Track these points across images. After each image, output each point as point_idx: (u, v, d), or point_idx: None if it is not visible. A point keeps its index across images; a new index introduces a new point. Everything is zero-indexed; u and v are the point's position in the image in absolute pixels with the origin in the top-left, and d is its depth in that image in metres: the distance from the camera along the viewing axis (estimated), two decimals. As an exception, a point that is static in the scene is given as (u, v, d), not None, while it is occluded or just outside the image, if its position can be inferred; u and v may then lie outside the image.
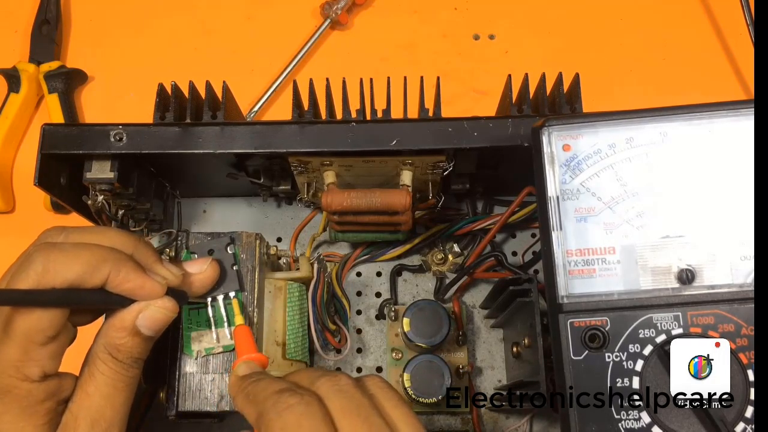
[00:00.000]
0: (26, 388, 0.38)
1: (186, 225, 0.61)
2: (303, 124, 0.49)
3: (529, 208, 0.54)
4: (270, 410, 0.35)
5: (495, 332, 0.58)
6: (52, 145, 0.48)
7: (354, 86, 0.54)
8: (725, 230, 0.41)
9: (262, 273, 0.50)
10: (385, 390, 0.38)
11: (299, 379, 0.39)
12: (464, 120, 0.48)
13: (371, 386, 0.38)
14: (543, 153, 0.43)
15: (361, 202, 0.49)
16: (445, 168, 0.50)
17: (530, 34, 0.76)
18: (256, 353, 0.43)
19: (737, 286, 0.40)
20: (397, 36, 0.77)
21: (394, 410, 0.37)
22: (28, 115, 0.73)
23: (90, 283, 0.38)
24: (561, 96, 0.52)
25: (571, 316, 0.41)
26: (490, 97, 0.72)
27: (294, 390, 0.36)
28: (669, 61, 0.75)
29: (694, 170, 0.42)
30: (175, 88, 0.53)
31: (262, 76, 0.74)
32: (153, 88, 0.53)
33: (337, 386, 0.37)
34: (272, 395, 0.36)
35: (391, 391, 0.38)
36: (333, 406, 0.36)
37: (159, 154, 0.49)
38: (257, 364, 0.42)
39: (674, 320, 0.40)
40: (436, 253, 0.59)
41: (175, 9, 0.78)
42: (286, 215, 0.62)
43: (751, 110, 0.42)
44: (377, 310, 0.59)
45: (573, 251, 0.42)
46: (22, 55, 0.74)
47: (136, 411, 0.55)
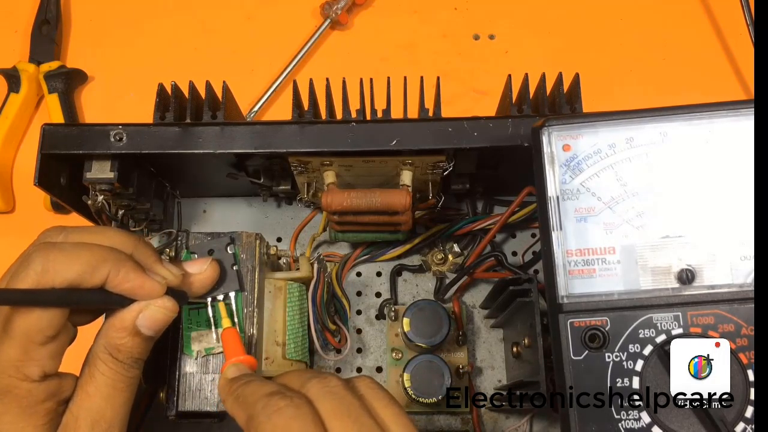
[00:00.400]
0: (26, 388, 0.38)
1: (186, 225, 0.61)
2: (303, 124, 0.49)
3: (529, 208, 0.54)
4: (260, 413, 0.35)
5: (495, 332, 0.58)
6: (52, 145, 0.48)
7: (354, 86, 0.54)
8: (725, 230, 0.41)
9: (262, 273, 0.50)
10: (375, 390, 0.38)
11: (289, 381, 0.39)
12: (464, 120, 0.48)
13: (361, 387, 0.38)
14: (543, 153, 0.43)
15: (361, 202, 0.49)
16: (445, 168, 0.50)
17: (530, 34, 0.76)
18: (244, 356, 0.43)
19: (737, 286, 0.40)
20: (397, 36, 0.77)
21: (385, 410, 0.37)
22: (28, 115, 0.73)
23: (90, 283, 0.38)
24: (561, 96, 0.52)
25: (571, 316, 0.41)
26: (490, 97, 0.72)
27: (284, 393, 0.36)
28: (669, 61, 0.75)
29: (694, 170, 0.42)
30: (175, 88, 0.53)
31: (262, 76, 0.74)
32: (153, 88, 0.53)
33: (327, 388, 0.37)
34: (262, 398, 0.36)
35: (381, 392, 0.38)
36: (323, 408, 0.36)
37: (159, 154, 0.49)
38: (246, 367, 0.42)
39: (674, 320, 0.40)
40: (436, 253, 0.59)
41: (175, 9, 0.78)
42: (286, 215, 0.62)
43: (751, 110, 0.42)
44: (377, 310, 0.59)
45: (573, 251, 0.42)
46: (22, 55, 0.74)
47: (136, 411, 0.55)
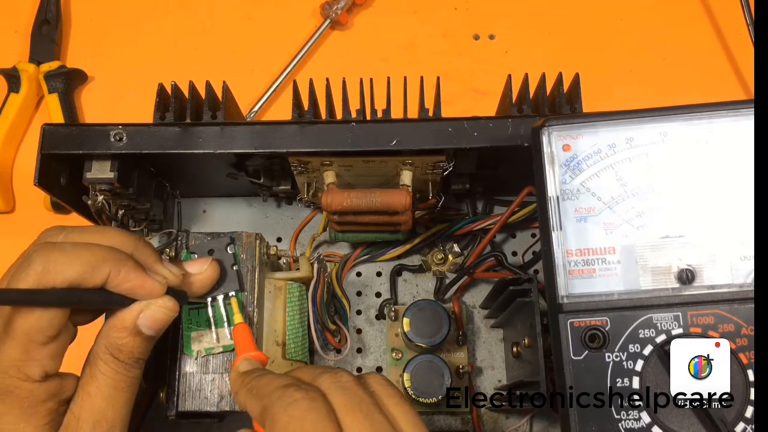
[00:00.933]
0: (27, 389, 0.38)
1: (186, 225, 0.61)
2: (303, 124, 0.49)
3: (529, 208, 0.54)
4: (275, 404, 0.35)
5: (495, 332, 0.58)
6: (52, 145, 0.48)
7: (354, 86, 0.54)
8: (725, 230, 0.41)
9: (262, 273, 0.50)
10: (386, 387, 0.38)
11: (301, 375, 0.39)
12: (464, 120, 0.48)
13: (373, 383, 0.39)
14: (543, 153, 0.43)
15: (361, 202, 0.49)
16: (445, 168, 0.50)
17: (530, 34, 0.76)
18: (256, 351, 0.43)
19: (737, 286, 0.40)
20: (397, 36, 0.77)
21: (396, 407, 0.37)
22: (28, 115, 0.73)
23: (90, 283, 0.38)
24: (561, 96, 0.52)
25: (571, 316, 0.41)
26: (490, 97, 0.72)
27: (298, 385, 0.36)
28: (669, 61, 0.75)
29: (694, 170, 0.42)
30: (175, 88, 0.53)
31: (262, 76, 0.74)
32: (153, 88, 0.53)
33: (339, 383, 0.37)
34: (277, 389, 0.36)
35: (392, 389, 0.38)
36: (335, 402, 0.36)
37: (159, 154, 0.49)
38: (257, 362, 0.42)
39: (674, 320, 0.40)
40: (436, 253, 0.59)
41: (175, 9, 0.78)
42: (286, 215, 0.62)
43: (751, 110, 0.42)
44: (377, 310, 0.59)
45: (573, 251, 0.42)
46: (22, 55, 0.74)
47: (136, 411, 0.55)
